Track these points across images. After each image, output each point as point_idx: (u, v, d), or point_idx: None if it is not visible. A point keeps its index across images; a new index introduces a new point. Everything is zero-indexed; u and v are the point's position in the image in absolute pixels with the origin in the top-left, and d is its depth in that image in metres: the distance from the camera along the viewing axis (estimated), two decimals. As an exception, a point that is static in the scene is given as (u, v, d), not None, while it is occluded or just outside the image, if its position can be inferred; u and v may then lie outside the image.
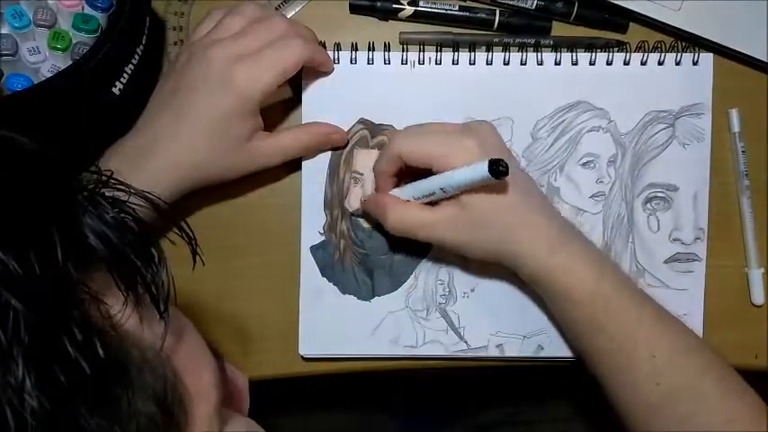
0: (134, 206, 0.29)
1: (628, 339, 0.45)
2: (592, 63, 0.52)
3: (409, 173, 0.48)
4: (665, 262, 0.52)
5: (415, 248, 0.52)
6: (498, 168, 0.41)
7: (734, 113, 0.53)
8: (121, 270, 0.27)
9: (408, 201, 0.47)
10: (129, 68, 0.47)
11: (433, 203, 0.47)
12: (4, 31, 0.46)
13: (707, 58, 0.52)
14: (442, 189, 0.45)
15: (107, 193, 0.28)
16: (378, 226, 0.52)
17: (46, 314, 0.23)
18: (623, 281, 0.47)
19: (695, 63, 0.52)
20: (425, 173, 0.46)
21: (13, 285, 0.23)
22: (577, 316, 0.46)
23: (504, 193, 0.45)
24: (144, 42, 0.48)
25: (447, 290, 0.52)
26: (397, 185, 0.49)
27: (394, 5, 0.53)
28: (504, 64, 0.52)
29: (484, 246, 0.46)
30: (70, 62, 0.46)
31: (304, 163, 0.52)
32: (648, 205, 0.52)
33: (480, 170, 0.42)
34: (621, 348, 0.45)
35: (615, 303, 0.45)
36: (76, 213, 0.26)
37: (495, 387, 0.71)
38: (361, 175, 0.52)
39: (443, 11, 0.53)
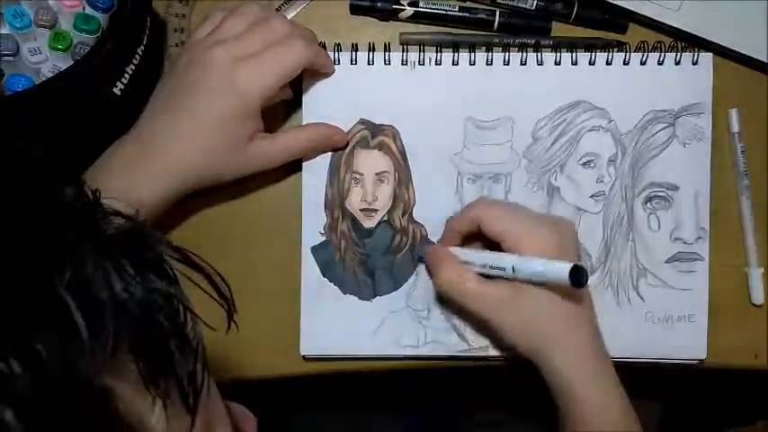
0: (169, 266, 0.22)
1: None
2: (591, 63, 0.52)
3: (475, 237, 0.48)
4: (667, 261, 0.52)
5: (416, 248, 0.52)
6: (581, 278, 0.40)
7: (733, 113, 0.53)
8: (151, 360, 0.20)
9: (466, 264, 0.47)
10: (129, 69, 0.47)
11: (488, 276, 0.46)
12: (5, 31, 0.46)
13: (706, 57, 0.52)
14: (511, 269, 0.44)
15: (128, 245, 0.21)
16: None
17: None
18: (628, 406, 0.47)
19: (695, 63, 0.52)
20: (493, 243, 0.46)
21: (8, 389, 0.16)
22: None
23: (566, 298, 0.45)
24: (145, 43, 0.48)
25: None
26: (460, 245, 0.49)
27: (394, 6, 0.53)
28: (505, 64, 0.52)
29: (521, 339, 0.46)
30: (71, 62, 0.46)
31: (304, 164, 0.52)
32: (649, 204, 0.52)
33: (561, 271, 0.41)
34: None
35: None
36: (93, 288, 0.20)
37: (497, 387, 0.71)
38: (362, 175, 0.52)
39: (443, 11, 0.53)
